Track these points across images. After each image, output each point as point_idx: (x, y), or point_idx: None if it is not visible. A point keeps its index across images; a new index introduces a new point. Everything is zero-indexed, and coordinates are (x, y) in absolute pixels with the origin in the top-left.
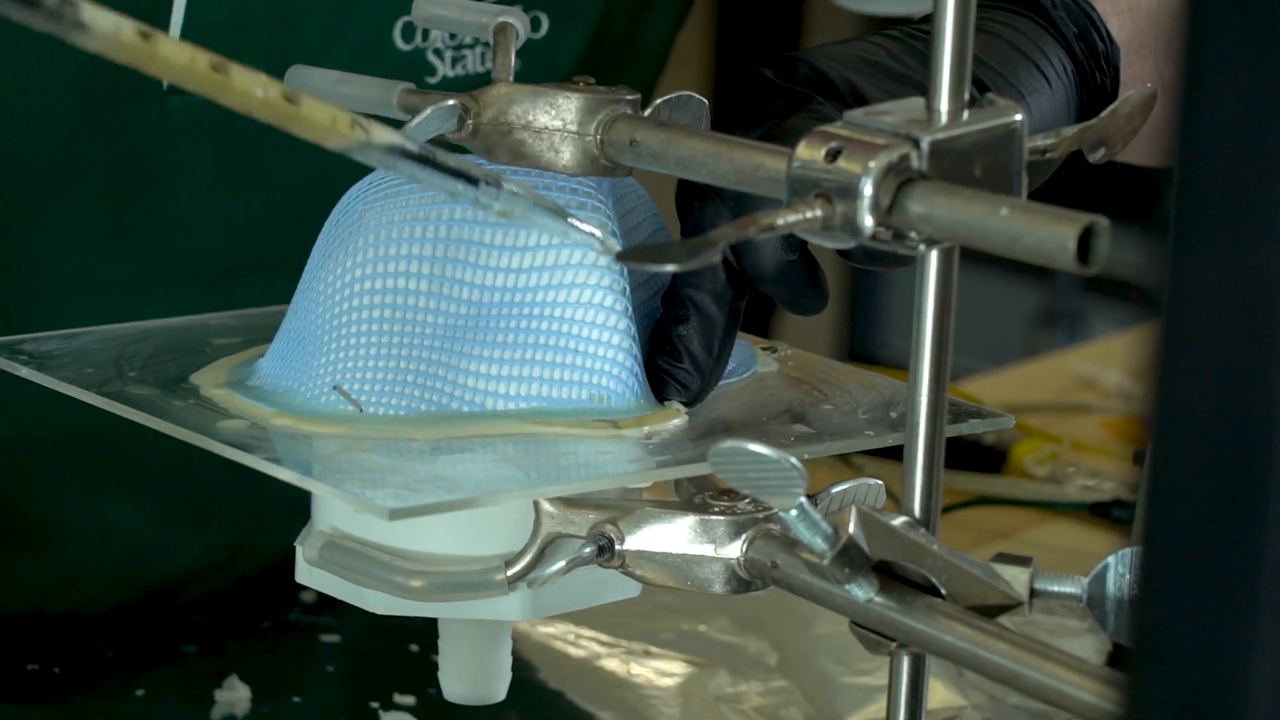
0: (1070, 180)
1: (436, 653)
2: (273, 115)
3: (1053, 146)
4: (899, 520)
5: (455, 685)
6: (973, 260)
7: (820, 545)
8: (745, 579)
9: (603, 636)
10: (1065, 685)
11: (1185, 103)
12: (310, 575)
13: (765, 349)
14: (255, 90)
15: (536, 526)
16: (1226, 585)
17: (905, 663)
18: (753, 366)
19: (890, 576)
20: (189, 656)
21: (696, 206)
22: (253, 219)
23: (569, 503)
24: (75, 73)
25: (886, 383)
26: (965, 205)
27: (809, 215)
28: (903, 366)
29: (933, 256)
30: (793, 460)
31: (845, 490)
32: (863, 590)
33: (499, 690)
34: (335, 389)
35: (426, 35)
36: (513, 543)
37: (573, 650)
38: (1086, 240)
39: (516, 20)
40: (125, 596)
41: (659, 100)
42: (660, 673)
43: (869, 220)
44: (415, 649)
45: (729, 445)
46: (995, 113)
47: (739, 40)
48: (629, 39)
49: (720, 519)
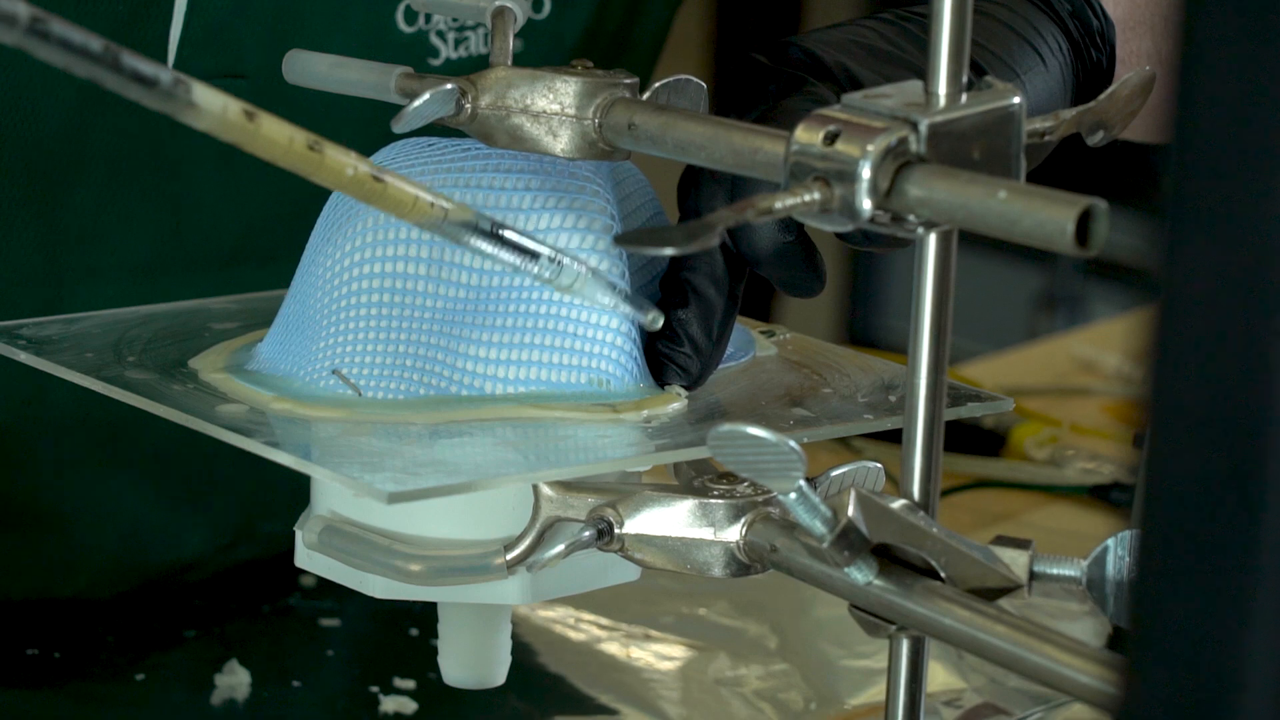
0: (1067, 158)
1: (436, 637)
2: (360, 193)
3: (1051, 129)
4: (898, 503)
5: (455, 669)
6: (972, 243)
7: (819, 528)
8: (744, 562)
9: (602, 620)
10: (1065, 668)
11: (1181, 84)
12: (310, 559)
13: (764, 333)
14: (346, 169)
15: (535, 510)
16: (1224, 568)
17: (905, 646)
18: (751, 350)
19: (889, 559)
20: (189, 641)
21: (693, 191)
22: (261, 206)
23: (568, 486)
24: None
25: (885, 366)
26: (964, 188)
27: (807, 198)
28: (902, 350)
29: (931, 239)
30: (791, 443)
31: (844, 473)
32: (862, 573)
33: (499, 674)
34: (334, 373)
35: (429, 18)
36: (512, 527)
37: (572, 634)
38: (1085, 223)
39: (514, 4)
40: (126, 582)
41: (657, 84)
42: (660, 656)
43: (867, 203)
44: (415, 633)
45: (728, 429)
46: (993, 96)
47: (738, 24)
48: (628, 23)
49: (719, 502)
